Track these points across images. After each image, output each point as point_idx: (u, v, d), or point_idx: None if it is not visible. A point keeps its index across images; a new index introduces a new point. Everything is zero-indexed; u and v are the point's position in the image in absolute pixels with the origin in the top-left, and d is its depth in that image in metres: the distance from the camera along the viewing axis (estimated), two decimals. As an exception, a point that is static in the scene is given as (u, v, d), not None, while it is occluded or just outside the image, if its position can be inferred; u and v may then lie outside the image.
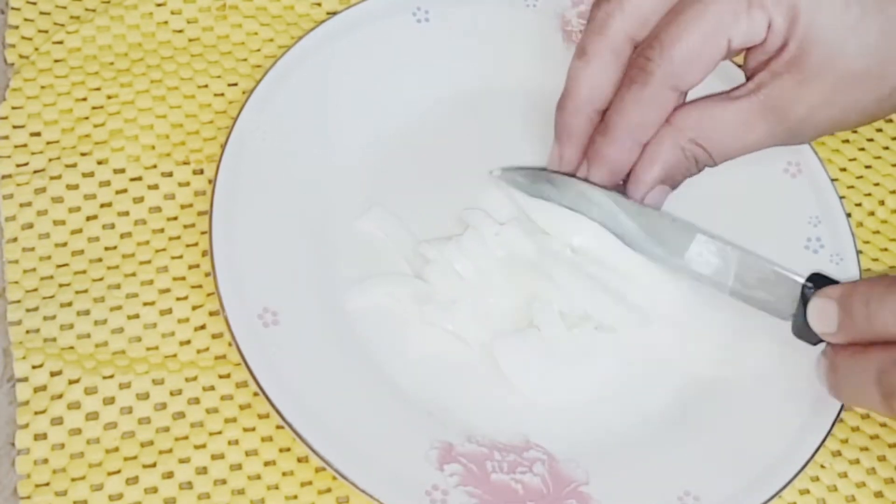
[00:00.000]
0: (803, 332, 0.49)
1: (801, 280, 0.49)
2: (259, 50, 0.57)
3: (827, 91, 0.49)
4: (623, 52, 0.50)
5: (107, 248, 0.51)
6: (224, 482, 0.46)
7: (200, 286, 0.50)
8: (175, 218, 0.52)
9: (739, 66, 0.52)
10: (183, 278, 0.50)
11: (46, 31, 0.55)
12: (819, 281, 0.49)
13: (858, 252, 0.55)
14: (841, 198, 0.56)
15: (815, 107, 0.50)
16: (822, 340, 0.49)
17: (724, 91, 0.51)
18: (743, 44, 0.49)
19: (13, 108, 0.53)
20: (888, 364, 0.45)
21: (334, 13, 0.57)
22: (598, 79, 0.50)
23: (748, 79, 0.51)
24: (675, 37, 0.48)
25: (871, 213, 0.59)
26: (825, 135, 0.52)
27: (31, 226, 0.50)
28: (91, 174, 0.52)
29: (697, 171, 0.52)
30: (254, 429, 0.48)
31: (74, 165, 0.52)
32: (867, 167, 0.60)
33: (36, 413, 0.46)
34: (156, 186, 0.52)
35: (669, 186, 0.51)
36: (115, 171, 0.52)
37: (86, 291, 0.49)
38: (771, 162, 0.53)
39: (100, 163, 0.52)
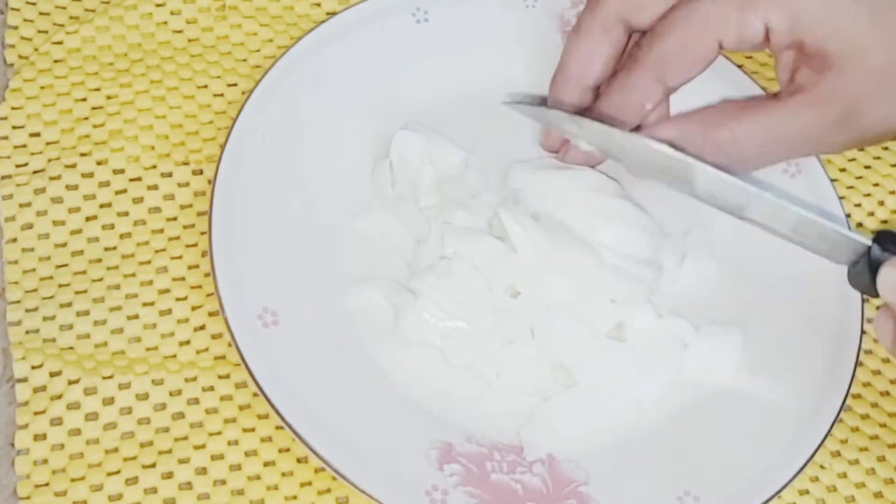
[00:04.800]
0: (861, 284, 0.48)
1: (867, 242, 0.47)
2: (258, 50, 0.57)
3: (866, 86, 0.49)
4: (614, 30, 0.51)
5: (106, 249, 0.51)
6: (224, 482, 0.46)
7: (200, 287, 0.50)
8: (175, 218, 0.52)
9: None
10: (182, 279, 0.50)
11: (46, 32, 0.55)
12: (886, 240, 0.47)
13: (858, 252, 0.55)
14: (841, 198, 0.56)
15: (863, 100, 0.49)
16: (878, 296, 0.47)
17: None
18: (737, 44, 0.49)
19: (13, 108, 0.53)
20: None
21: (334, 13, 0.57)
22: (589, 55, 0.52)
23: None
24: (663, 32, 0.50)
25: (871, 214, 0.59)
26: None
27: (30, 226, 0.50)
28: (90, 175, 0.52)
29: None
30: (253, 429, 0.48)
31: (74, 166, 0.52)
32: (867, 167, 0.60)
33: (35, 413, 0.46)
34: (155, 187, 0.52)
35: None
36: (115, 172, 0.52)
37: (85, 292, 0.49)
38: (771, 162, 0.53)
39: (99, 163, 0.52)
